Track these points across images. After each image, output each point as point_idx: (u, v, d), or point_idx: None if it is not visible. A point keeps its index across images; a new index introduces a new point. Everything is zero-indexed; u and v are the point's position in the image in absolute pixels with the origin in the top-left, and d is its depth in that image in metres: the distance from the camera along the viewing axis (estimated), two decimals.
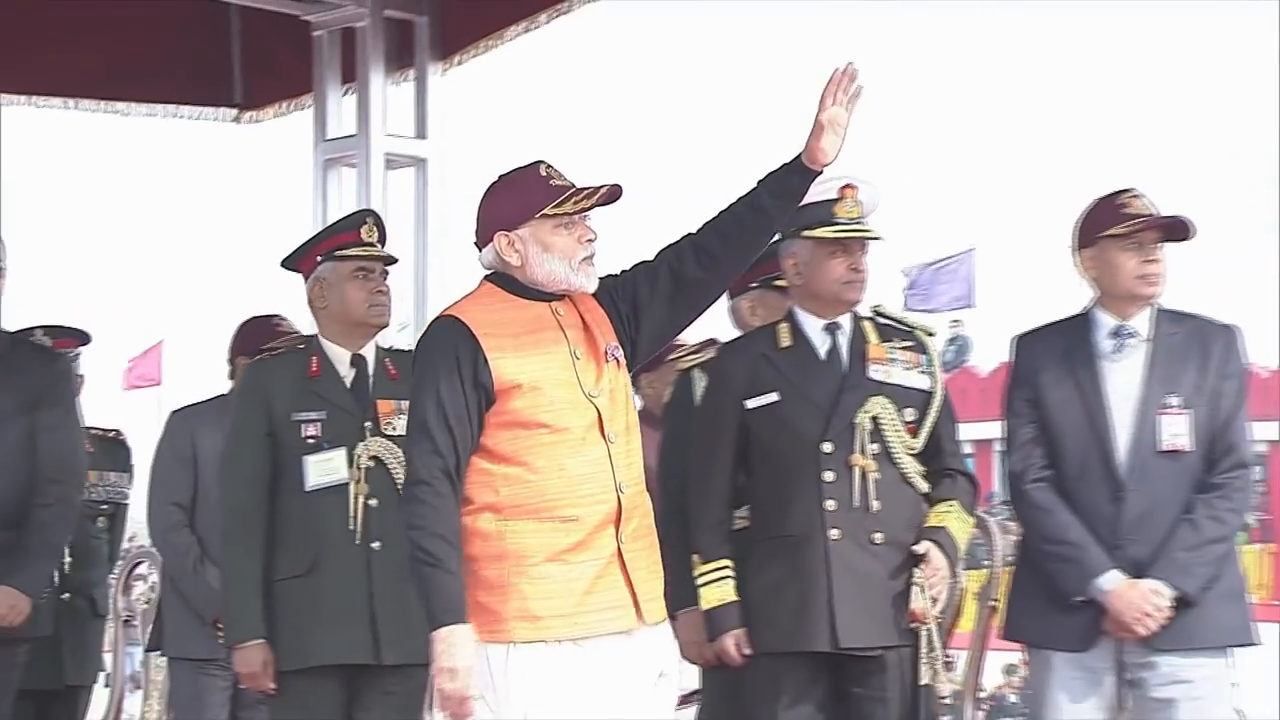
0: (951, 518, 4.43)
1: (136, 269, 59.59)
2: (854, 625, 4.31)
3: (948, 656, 5.32)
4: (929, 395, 4.47)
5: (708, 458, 4.54)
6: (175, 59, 7.43)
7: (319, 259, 4.82)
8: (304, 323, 5.59)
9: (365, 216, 4.94)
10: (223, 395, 5.79)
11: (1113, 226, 4.38)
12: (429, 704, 5.46)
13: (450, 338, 3.82)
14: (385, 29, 6.80)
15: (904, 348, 4.50)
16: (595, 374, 3.85)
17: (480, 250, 3.95)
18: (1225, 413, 4.37)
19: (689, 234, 3.94)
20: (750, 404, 4.46)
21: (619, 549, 3.81)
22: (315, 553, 4.66)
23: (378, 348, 4.86)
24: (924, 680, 4.36)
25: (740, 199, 3.94)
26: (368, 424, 4.72)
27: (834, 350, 4.47)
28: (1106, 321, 4.42)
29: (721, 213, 3.95)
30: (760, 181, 3.93)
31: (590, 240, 3.89)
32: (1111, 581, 4.26)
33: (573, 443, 3.80)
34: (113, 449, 6.31)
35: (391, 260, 4.89)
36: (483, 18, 6.91)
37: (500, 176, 3.94)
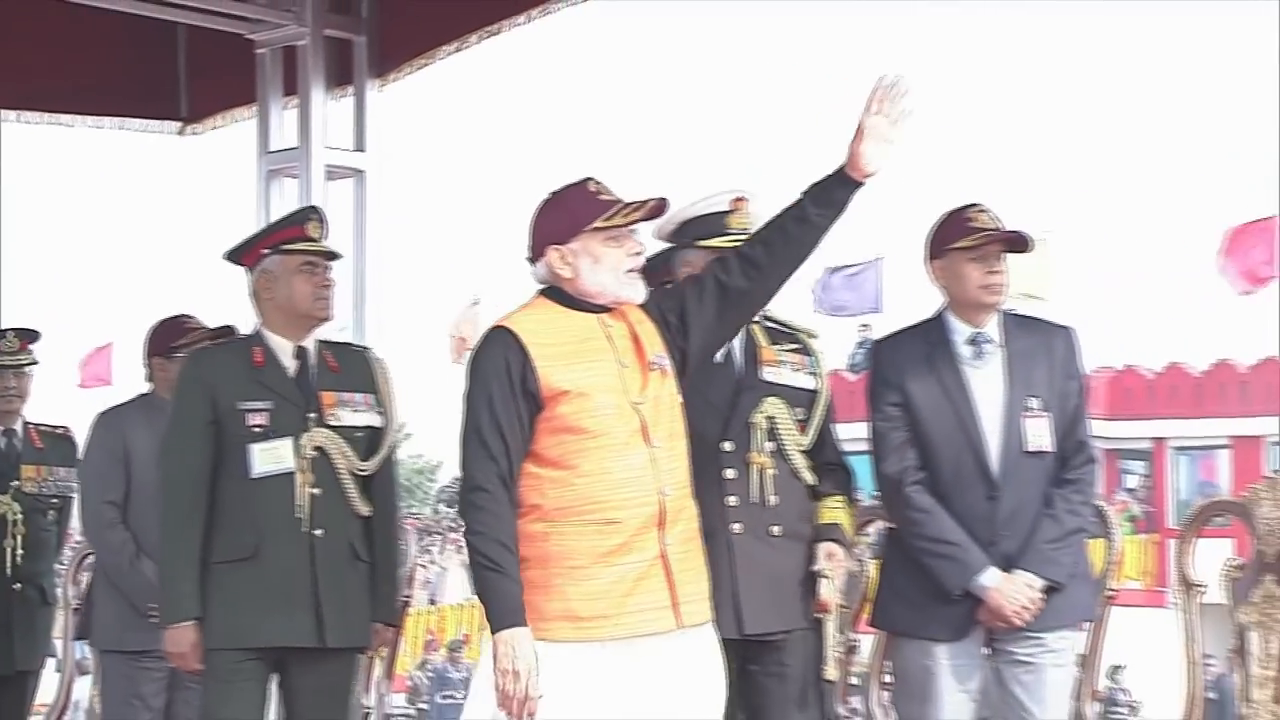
0: (841, 513, 4.49)
1: (89, 274, 59.10)
2: (758, 613, 4.35)
3: (853, 641, 5.36)
4: (815, 394, 4.52)
5: None
6: (123, 74, 7.40)
7: (264, 252, 4.78)
8: (239, 322, 5.58)
9: (311, 213, 4.92)
10: (144, 394, 5.77)
11: (959, 240, 4.48)
12: (362, 686, 5.50)
13: (500, 348, 3.82)
14: (325, 48, 6.83)
15: (791, 350, 4.55)
16: (641, 382, 3.86)
17: (533, 265, 3.94)
18: (1072, 411, 4.49)
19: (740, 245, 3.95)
20: None
21: (663, 551, 3.80)
22: (259, 538, 4.62)
23: (317, 341, 4.83)
24: (826, 666, 4.41)
25: (785, 210, 3.94)
26: (311, 414, 4.69)
27: (729, 354, 4.50)
28: (961, 328, 4.51)
29: (767, 224, 3.96)
30: (804, 192, 3.93)
31: (637, 253, 3.88)
32: (992, 579, 4.37)
33: (616, 448, 3.79)
34: (60, 445, 6.28)
35: (336, 255, 4.88)
36: (417, 38, 6.94)
37: (551, 193, 3.92)
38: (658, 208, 3.87)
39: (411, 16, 6.87)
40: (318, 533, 4.64)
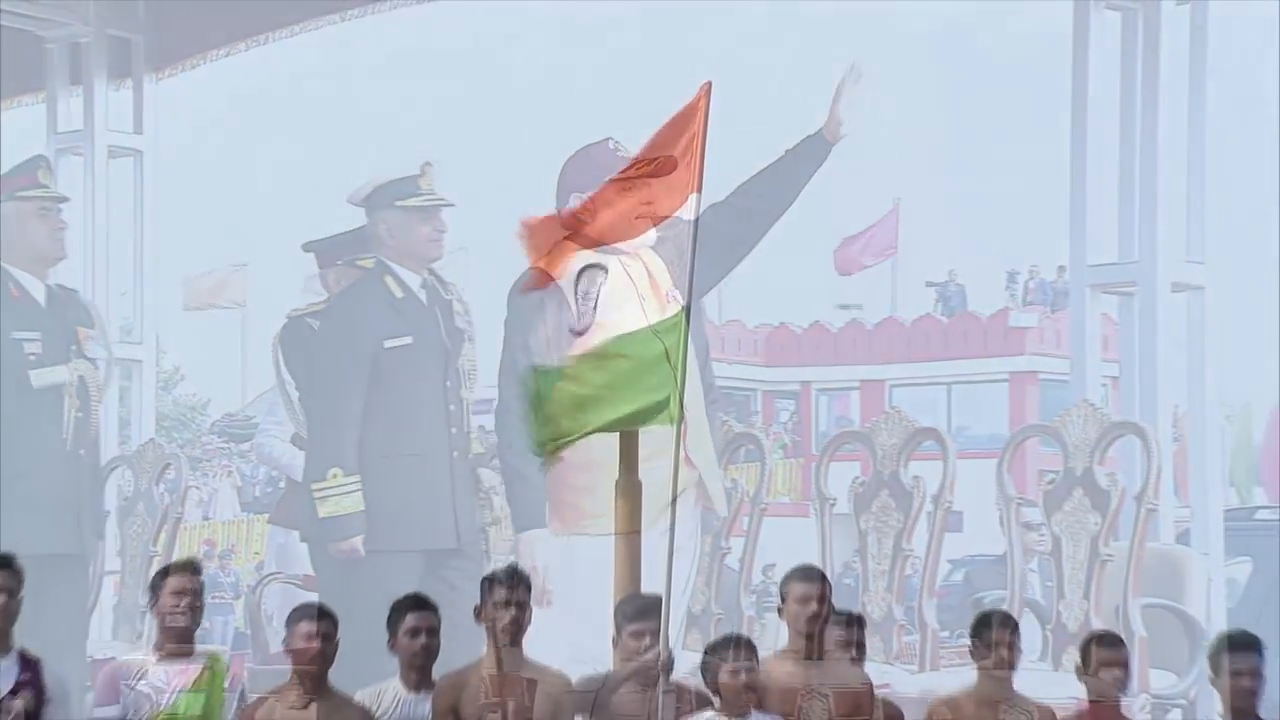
0: None
1: None
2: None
3: None
4: None
5: (348, 390, 4.50)
6: None
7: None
8: None
9: (40, 161, 4.78)
10: None
11: None
12: (142, 589, 5.40)
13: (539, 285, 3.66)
14: (108, 44, 6.73)
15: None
16: (660, 313, 3.80)
17: (559, 212, 3.80)
18: None
19: (729, 195, 3.91)
20: (388, 344, 4.49)
21: (687, 454, 3.75)
22: (32, 456, 4.50)
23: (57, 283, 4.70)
24: None
25: (769, 166, 3.95)
26: (73, 346, 4.57)
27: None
28: None
29: (755, 178, 3.95)
30: (788, 151, 3.96)
31: (648, 203, 3.73)
32: None
33: (647, 370, 3.65)
34: None
35: (65, 199, 4.74)
36: (190, 41, 6.84)
37: (577, 151, 3.86)
38: (665, 164, 3.74)
39: (184, 22, 6.74)
40: (81, 452, 4.50)
